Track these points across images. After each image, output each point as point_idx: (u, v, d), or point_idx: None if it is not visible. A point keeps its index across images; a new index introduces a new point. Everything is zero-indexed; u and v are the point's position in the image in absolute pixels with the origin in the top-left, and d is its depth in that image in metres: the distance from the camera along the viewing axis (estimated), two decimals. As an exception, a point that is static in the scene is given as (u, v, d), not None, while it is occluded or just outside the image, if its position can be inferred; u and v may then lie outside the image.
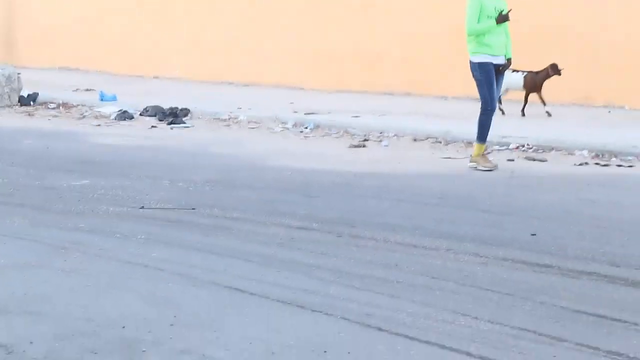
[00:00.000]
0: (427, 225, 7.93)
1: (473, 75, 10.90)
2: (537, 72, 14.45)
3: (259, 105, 15.77)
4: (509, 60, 11.01)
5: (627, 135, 12.38)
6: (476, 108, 10.97)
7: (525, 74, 14.44)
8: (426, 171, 10.85)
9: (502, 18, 10.69)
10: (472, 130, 12.43)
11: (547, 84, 14.37)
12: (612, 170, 10.99)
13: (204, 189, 9.51)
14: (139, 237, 7.37)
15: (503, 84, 13.86)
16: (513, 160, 11.63)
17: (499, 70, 10.91)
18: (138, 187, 9.48)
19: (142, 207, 8.52)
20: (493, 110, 10.94)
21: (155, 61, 20.04)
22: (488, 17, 10.69)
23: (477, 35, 10.76)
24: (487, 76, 10.81)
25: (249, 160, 11.49)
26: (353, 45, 17.46)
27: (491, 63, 10.80)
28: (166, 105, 15.48)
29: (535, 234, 7.56)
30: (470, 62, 10.88)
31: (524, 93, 14.61)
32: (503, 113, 14.33)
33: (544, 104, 14.50)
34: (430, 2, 16.56)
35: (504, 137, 12.59)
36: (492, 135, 12.64)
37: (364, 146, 12.77)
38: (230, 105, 15.77)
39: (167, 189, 9.45)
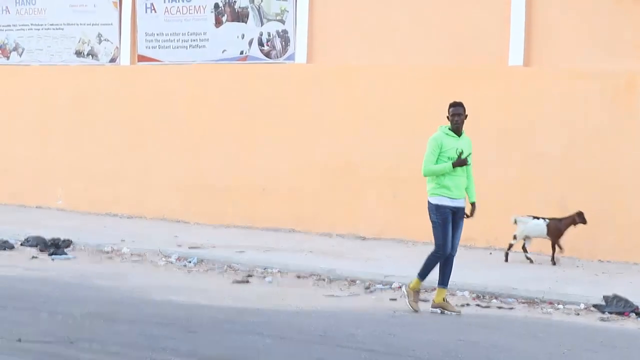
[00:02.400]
0: (309, 363, 7.90)
1: (429, 217, 10.70)
2: (560, 219, 14.05)
3: (142, 238, 15.66)
4: (473, 205, 10.79)
5: (507, 277, 12.61)
6: (359, 246, 11.05)
7: (548, 221, 14.06)
8: (309, 308, 10.83)
9: (458, 162, 10.52)
10: (355, 269, 12.56)
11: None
12: (493, 311, 11.14)
13: (83, 322, 9.33)
14: (14, 371, 7.19)
15: (524, 232, 14.03)
16: (396, 299, 11.69)
17: (466, 216, 10.74)
18: (16, 319, 9.27)
19: (19, 340, 8.32)
20: (444, 255, 10.66)
21: (38, 190, 19.80)
22: (449, 158, 10.56)
23: (437, 177, 10.59)
24: (443, 219, 10.59)
25: (130, 293, 11.34)
26: (238, 180, 17.54)
27: (448, 207, 10.58)
28: (48, 235, 15.25)
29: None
30: (428, 202, 10.69)
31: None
32: (531, 261, 14.03)
33: (554, 251, 14.06)
34: (315, 137, 16.80)
35: (386, 276, 12.71)
36: (374, 274, 12.84)
37: (247, 282, 12.74)
38: (113, 237, 15.63)
39: (46, 321, 9.26)
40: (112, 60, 19.25)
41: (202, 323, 9.58)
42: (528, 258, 14.11)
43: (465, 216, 10.79)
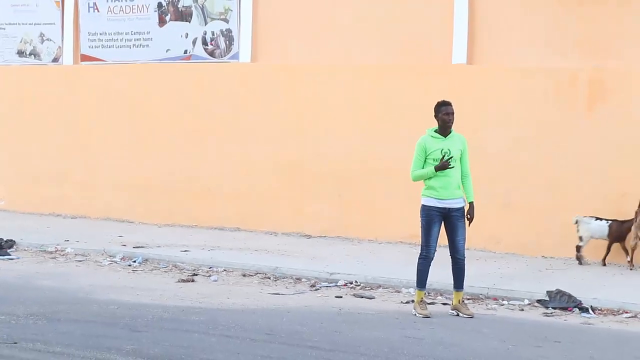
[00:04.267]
0: (255, 361, 7.90)
1: None
2: (622, 222, 13.77)
3: (87, 238, 15.55)
4: (470, 204, 10.68)
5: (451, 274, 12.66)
6: (304, 244, 11.07)
7: (610, 222, 13.83)
8: (254, 307, 10.83)
9: (440, 165, 10.41)
10: (300, 267, 12.57)
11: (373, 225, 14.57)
12: (438, 308, 11.18)
13: (26, 322, 9.25)
14: (-45, 372, 7.11)
15: (588, 233, 13.83)
16: (341, 297, 11.73)
17: (467, 218, 10.63)
18: (-43, 320, 9.17)
19: (-39, 341, 8.24)
20: (428, 257, 10.58)
21: (-20, 191, 19.62)
22: (434, 160, 10.47)
23: (426, 178, 10.53)
24: (427, 220, 10.51)
25: (74, 293, 11.26)
26: (183, 179, 17.48)
27: (435, 207, 10.47)
28: (-10, 236, 15.13)
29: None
30: None
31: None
32: (580, 262, 13.90)
33: (627, 253, 13.75)
34: (260, 136, 16.78)
35: (332, 274, 12.74)
36: (320, 272, 12.86)
37: (192, 281, 12.69)
38: (57, 238, 15.51)
39: (-13, 322, 9.16)
40: (55, 60, 19.09)
41: (147, 322, 9.55)
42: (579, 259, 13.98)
43: (467, 218, 10.67)
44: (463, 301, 10.81)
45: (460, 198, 10.61)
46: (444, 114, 10.60)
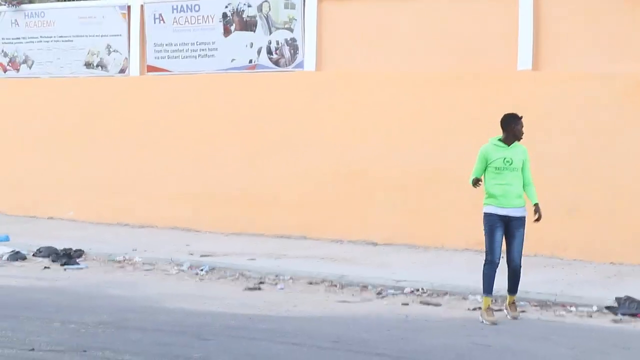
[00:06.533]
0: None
1: None
2: None
3: (154, 247, 15.69)
4: (536, 206, 10.82)
5: (521, 281, 12.57)
6: (370, 252, 11.07)
7: None
8: (321, 314, 10.85)
9: (473, 182, 10.74)
10: (367, 274, 12.58)
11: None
12: (505, 315, 11.11)
13: (96, 331, 9.36)
14: (27, 380, 7.21)
15: None
16: (408, 304, 11.71)
17: (535, 220, 10.83)
18: (28, 329, 9.30)
19: (32, 349, 8.35)
20: (493, 262, 10.72)
21: (49, 202, 19.85)
22: (496, 168, 10.69)
23: (487, 187, 10.77)
24: (489, 227, 10.71)
25: (142, 302, 11.37)
26: (248, 187, 17.55)
27: (496, 214, 10.67)
28: (60, 246, 15.31)
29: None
30: None
31: None
32: None
33: None
34: (324, 144, 16.80)
35: (398, 281, 12.71)
36: (386, 279, 12.84)
37: (259, 289, 12.74)
38: (125, 247, 15.66)
39: (58, 330, 9.29)
40: (122, 71, 19.30)
41: (214, 330, 9.60)
42: None
43: (535, 220, 10.82)
44: (514, 302, 11.02)
45: (521, 207, 10.76)
46: (516, 127, 10.83)
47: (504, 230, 10.72)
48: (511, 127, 10.82)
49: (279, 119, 17.36)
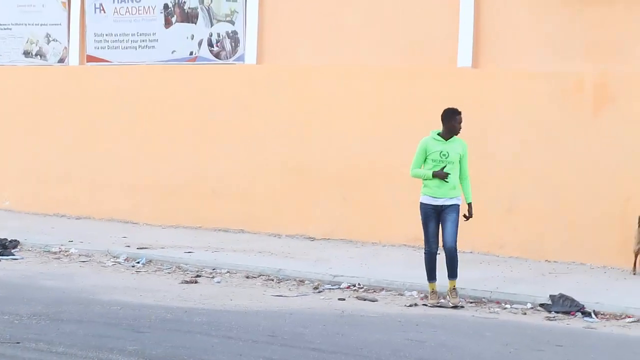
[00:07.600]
0: (257, 363, 7.91)
1: None
2: None
3: (91, 239, 15.56)
4: (469, 205, 11.38)
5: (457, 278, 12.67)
6: (308, 246, 11.09)
7: None
8: (257, 308, 10.84)
9: (438, 173, 11.05)
10: (304, 269, 12.59)
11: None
12: (442, 311, 11.16)
13: (30, 322, 9.28)
14: (-43, 371, 7.12)
15: None
16: (344, 299, 11.73)
17: (465, 218, 11.31)
18: (-40, 320, 9.19)
19: (-37, 341, 8.26)
20: (430, 251, 11.32)
21: (-15, 191, 19.64)
22: (433, 160, 11.13)
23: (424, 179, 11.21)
24: (424, 217, 11.29)
25: (77, 294, 11.28)
26: (188, 180, 17.47)
27: (430, 204, 11.19)
28: (-5, 236, 15.15)
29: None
30: None
31: None
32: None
33: None
34: (265, 138, 16.77)
35: (335, 276, 12.74)
36: (323, 274, 12.86)
37: (196, 282, 12.70)
38: (61, 238, 15.52)
39: (-9, 322, 9.19)
40: (61, 60, 19.11)
41: (150, 323, 9.56)
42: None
43: (464, 217, 11.32)
44: (454, 288, 11.35)
45: (454, 197, 11.25)
46: (454, 122, 11.26)
47: (438, 218, 11.21)
48: (448, 121, 11.22)
49: (220, 112, 17.29)
